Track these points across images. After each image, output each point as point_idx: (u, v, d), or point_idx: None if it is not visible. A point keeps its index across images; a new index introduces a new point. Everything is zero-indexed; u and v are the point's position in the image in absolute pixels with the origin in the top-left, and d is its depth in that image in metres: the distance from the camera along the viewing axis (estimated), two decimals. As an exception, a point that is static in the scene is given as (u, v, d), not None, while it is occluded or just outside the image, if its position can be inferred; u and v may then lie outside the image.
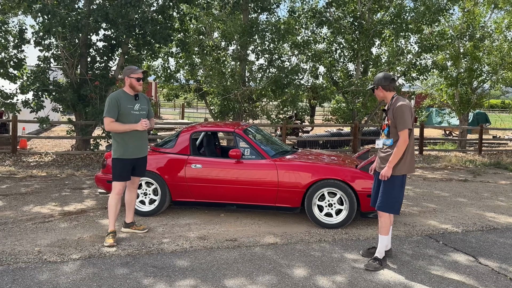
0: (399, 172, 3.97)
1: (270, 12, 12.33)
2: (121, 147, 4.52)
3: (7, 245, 4.47)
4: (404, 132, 3.89)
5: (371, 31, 12.24)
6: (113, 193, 4.57)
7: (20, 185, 7.42)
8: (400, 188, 4.02)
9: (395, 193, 4.00)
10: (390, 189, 3.99)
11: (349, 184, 5.12)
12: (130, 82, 4.55)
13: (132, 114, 4.54)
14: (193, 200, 5.55)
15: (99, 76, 10.71)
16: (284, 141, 12.67)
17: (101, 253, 4.27)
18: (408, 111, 3.93)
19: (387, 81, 4.08)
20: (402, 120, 3.89)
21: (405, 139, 3.89)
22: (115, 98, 4.47)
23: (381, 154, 4.12)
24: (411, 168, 4.05)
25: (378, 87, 4.11)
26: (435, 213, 6.11)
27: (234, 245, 4.58)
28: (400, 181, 4.00)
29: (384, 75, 4.13)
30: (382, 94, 4.14)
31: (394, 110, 3.95)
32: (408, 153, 3.97)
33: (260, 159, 5.38)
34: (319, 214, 5.24)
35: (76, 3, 10.11)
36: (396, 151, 3.91)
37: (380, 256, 4.10)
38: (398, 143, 3.91)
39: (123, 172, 4.56)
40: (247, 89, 11.43)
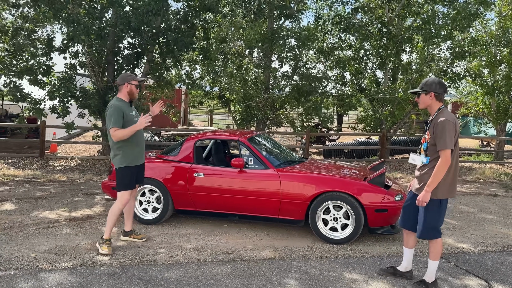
0: (435, 195, 3.58)
1: (295, 19, 12.18)
2: (128, 155, 4.44)
3: (6, 250, 4.50)
4: (445, 152, 3.47)
5: (399, 37, 11.80)
6: (119, 203, 4.47)
7: (37, 189, 7.56)
8: (438, 213, 3.62)
9: (434, 219, 3.62)
10: (428, 215, 3.61)
11: (355, 198, 4.85)
12: (130, 88, 4.49)
13: (134, 122, 4.46)
14: (196, 209, 5.43)
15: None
16: (307, 149, 12.44)
17: (93, 262, 4.22)
18: (452, 129, 3.48)
19: (442, 88, 3.63)
20: (443, 138, 3.46)
21: (447, 160, 3.47)
22: (119, 107, 4.36)
23: (417, 172, 3.78)
24: (452, 192, 3.64)
25: (430, 93, 3.62)
26: (454, 231, 5.71)
27: (229, 258, 4.42)
28: (437, 205, 3.60)
29: (440, 81, 3.65)
30: (429, 102, 3.65)
31: (436, 125, 3.55)
32: (449, 176, 3.57)
33: (264, 169, 5.20)
34: (323, 228, 4.99)
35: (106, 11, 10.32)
36: (435, 172, 3.50)
37: (429, 280, 3.77)
38: (439, 164, 3.49)
39: (131, 180, 4.51)
40: (269, 96, 11.28)
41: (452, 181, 3.61)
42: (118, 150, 4.44)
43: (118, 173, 4.46)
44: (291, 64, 12.28)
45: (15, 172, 9.22)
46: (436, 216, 3.61)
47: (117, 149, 4.44)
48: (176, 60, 11.20)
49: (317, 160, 6.32)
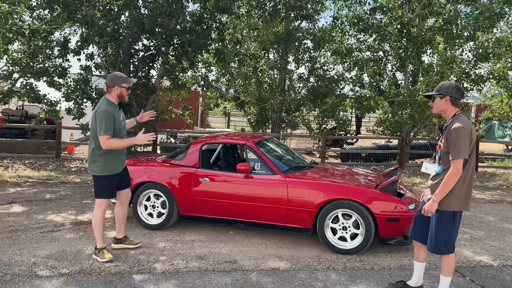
0: (447, 207, 3.33)
1: (311, 20, 11.97)
2: (111, 163, 4.25)
3: (7, 254, 4.45)
4: (457, 161, 3.23)
5: (420, 38, 11.45)
6: (98, 211, 4.33)
7: (48, 191, 7.56)
8: (450, 226, 3.36)
9: (445, 232, 3.36)
10: (440, 228, 3.37)
11: (365, 206, 4.62)
12: (120, 91, 4.26)
13: (122, 127, 4.33)
14: (201, 215, 5.29)
15: (140, 85, 10.85)
16: (323, 152, 12.19)
17: (92, 269, 4.12)
18: (467, 137, 3.25)
19: (458, 93, 3.39)
20: (456, 146, 3.22)
21: (458, 169, 3.24)
22: (110, 112, 4.13)
23: (429, 182, 3.54)
24: (466, 205, 3.38)
25: (445, 97, 3.39)
26: (472, 241, 5.41)
27: (231, 268, 4.25)
28: (449, 218, 3.35)
29: (457, 85, 3.42)
30: (444, 107, 3.42)
31: (449, 132, 3.31)
32: (463, 187, 3.32)
33: (270, 175, 5.02)
34: (332, 238, 4.78)
35: (123, 13, 10.33)
36: (444, 182, 3.27)
37: None
38: (449, 173, 3.26)
39: (112, 189, 4.34)
40: (283, 99, 11.10)
41: (466, 193, 3.36)
42: (99, 157, 4.22)
43: (98, 181, 4.28)
44: (307, 66, 12.09)
45: (30, 173, 9.29)
46: (449, 229, 3.37)
47: (99, 156, 4.22)
48: (191, 62, 11.13)
49: (329, 165, 6.10)
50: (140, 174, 5.43)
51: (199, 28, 10.40)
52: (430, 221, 3.45)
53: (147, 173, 5.43)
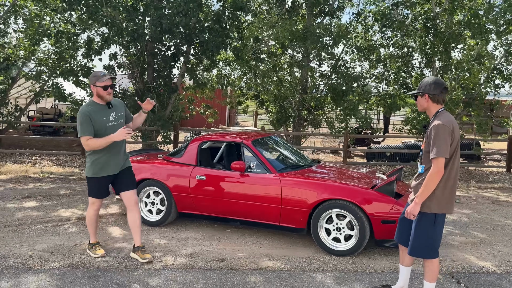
0: (428, 209, 3.17)
1: (333, 16, 11.76)
2: (94, 165, 4.17)
3: (8, 247, 4.63)
4: (438, 160, 3.06)
5: (447, 34, 10.98)
6: (91, 209, 4.36)
7: (65, 187, 7.82)
8: (431, 229, 3.19)
9: (426, 235, 3.20)
10: (420, 231, 3.21)
11: (359, 207, 4.48)
12: (97, 91, 4.09)
13: (109, 127, 4.10)
14: (198, 213, 5.30)
15: (162, 84, 11.03)
16: (345, 151, 11.96)
17: (82, 263, 4.21)
18: (447, 134, 3.07)
19: (438, 89, 3.19)
20: (436, 144, 3.06)
21: (439, 169, 3.07)
22: (85, 113, 4.01)
23: (413, 182, 3.37)
24: (448, 207, 3.20)
25: (424, 94, 3.24)
26: (480, 246, 5.13)
27: (217, 266, 4.23)
28: (430, 221, 3.18)
29: (435, 80, 3.22)
30: (425, 105, 3.26)
31: (430, 129, 3.17)
32: (445, 188, 3.15)
33: (265, 173, 4.96)
34: (325, 238, 4.66)
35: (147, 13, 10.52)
36: (426, 182, 3.11)
37: None
38: (430, 173, 3.10)
39: (100, 189, 4.28)
40: (302, 97, 10.96)
41: (449, 195, 3.18)
42: (88, 158, 4.22)
43: (88, 181, 4.29)
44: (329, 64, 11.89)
45: (54, 169, 9.65)
46: (429, 232, 3.20)
47: (87, 156, 4.22)
48: (211, 60, 11.20)
49: (330, 164, 5.95)
50: (140, 171, 5.51)
51: (218, 27, 10.44)
52: (412, 223, 3.30)
53: (147, 170, 5.50)
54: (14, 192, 7.22)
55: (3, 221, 5.55)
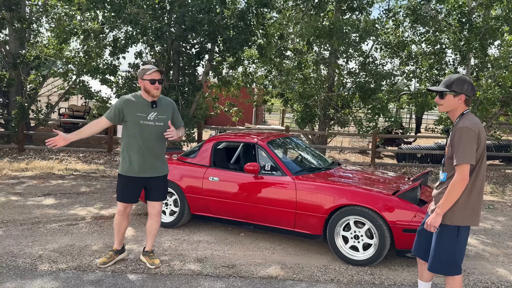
0: (450, 221, 2.86)
1: (362, 12, 11.35)
2: (125, 162, 3.92)
3: (20, 246, 4.61)
4: (462, 167, 2.76)
5: (483, 29, 10.40)
6: (117, 213, 4.10)
7: (86, 184, 7.85)
8: (453, 243, 2.87)
9: (448, 250, 2.88)
10: (442, 244, 2.90)
11: (379, 214, 4.19)
12: (143, 85, 3.83)
13: (143, 125, 3.81)
14: (211, 215, 5.14)
15: (187, 82, 10.98)
16: (373, 152, 11.56)
17: (89, 265, 4.13)
18: (473, 139, 2.76)
19: (473, 90, 2.89)
20: (461, 149, 2.76)
21: (463, 177, 2.76)
22: (121, 99, 3.87)
23: (434, 191, 3.07)
24: (474, 219, 2.88)
25: (461, 95, 2.88)
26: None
27: (226, 273, 4.05)
28: (452, 234, 2.87)
29: (470, 81, 2.90)
30: (456, 106, 2.90)
31: (453, 133, 2.86)
32: (470, 198, 2.84)
33: (280, 176, 4.74)
34: (342, 246, 4.40)
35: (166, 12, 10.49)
36: (448, 191, 2.80)
37: None
38: (453, 181, 2.79)
39: (125, 191, 3.96)
40: (327, 95, 10.63)
41: (474, 205, 2.87)
42: (121, 153, 3.99)
43: (118, 178, 4.04)
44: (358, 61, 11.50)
45: (79, 166, 9.75)
46: (452, 247, 2.90)
47: (121, 151, 3.99)
48: (235, 58, 11.04)
49: (351, 167, 5.65)
50: (155, 172, 5.38)
51: (242, 24, 10.27)
52: (433, 236, 3.00)
53: (161, 171, 5.37)
54: (36, 189, 7.29)
55: (20, 218, 5.57)
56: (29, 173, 8.70)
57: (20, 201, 6.46)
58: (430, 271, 3.01)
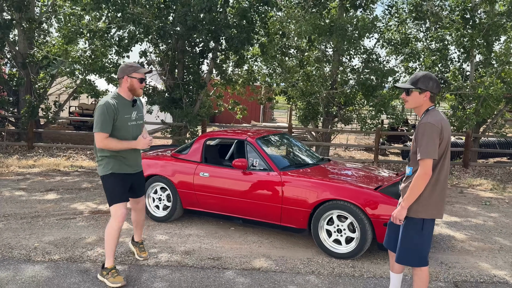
0: (415, 214, 2.95)
1: (365, 9, 11.38)
2: (116, 159, 3.72)
3: (17, 238, 4.81)
4: (425, 162, 2.83)
5: (486, 25, 10.34)
6: (114, 221, 3.69)
7: (88, 180, 8.07)
8: (418, 235, 2.97)
9: (413, 242, 2.98)
10: (407, 236, 3.00)
11: (361, 208, 4.28)
12: (130, 83, 3.66)
13: (129, 126, 3.70)
14: (201, 209, 5.29)
15: (191, 80, 11.15)
16: (376, 149, 11.58)
17: (80, 257, 4.30)
18: (435, 134, 2.83)
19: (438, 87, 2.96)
20: (424, 144, 2.83)
21: (426, 171, 2.84)
22: (110, 106, 3.54)
23: (402, 185, 3.16)
24: (438, 212, 2.96)
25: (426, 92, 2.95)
26: (498, 253, 4.77)
27: (210, 265, 4.19)
28: (417, 226, 2.96)
29: (435, 78, 2.96)
30: (421, 102, 2.97)
31: (417, 129, 2.95)
32: (434, 191, 2.93)
33: (267, 171, 4.86)
34: (326, 240, 4.50)
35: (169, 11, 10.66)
36: (412, 185, 2.90)
37: None
38: (416, 175, 2.88)
39: (123, 189, 3.75)
40: (329, 92, 10.69)
41: (438, 199, 2.94)
42: (102, 153, 3.71)
43: (105, 182, 3.74)
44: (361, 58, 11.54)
45: (86, 163, 10.00)
46: (417, 239, 2.98)
47: (101, 152, 3.72)
48: (239, 56, 11.17)
49: (341, 163, 5.74)
50: (149, 167, 5.56)
51: (244, 23, 10.39)
52: (400, 228, 3.09)
53: (154, 166, 5.55)
54: (40, 185, 7.53)
55: (21, 212, 5.79)
56: (35, 170, 8.96)
57: (23, 196, 6.70)
58: (397, 263, 3.10)
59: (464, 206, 7.07)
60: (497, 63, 10.88)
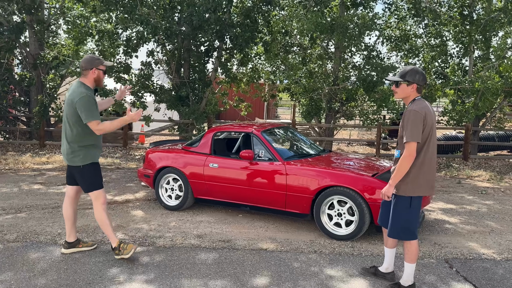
0: (404, 192, 3.33)
1: (365, 7, 11.70)
2: (93, 149, 4.02)
3: (42, 226, 5.21)
4: (409, 145, 3.20)
5: (483, 21, 10.64)
6: (99, 203, 4.05)
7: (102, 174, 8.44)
8: (406, 211, 3.33)
9: (402, 217, 3.35)
10: (396, 213, 3.38)
11: (359, 193, 4.64)
12: (98, 74, 3.95)
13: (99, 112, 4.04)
14: (212, 198, 5.67)
15: (197, 79, 11.52)
16: (377, 143, 11.92)
17: (101, 241, 4.69)
18: (419, 120, 3.21)
19: (424, 80, 3.34)
20: (409, 129, 3.21)
21: (411, 153, 3.21)
22: (91, 96, 3.87)
23: (392, 167, 3.55)
24: (424, 189, 3.33)
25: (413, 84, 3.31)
26: (488, 235, 5.12)
27: (222, 246, 4.57)
28: (405, 203, 3.33)
29: (422, 72, 3.35)
30: (409, 93, 3.34)
31: (403, 116, 3.34)
32: (420, 172, 3.29)
33: (272, 161, 5.23)
34: (327, 223, 4.87)
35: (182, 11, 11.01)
36: (398, 166, 3.28)
37: (404, 284, 3.50)
38: (402, 157, 3.25)
39: (100, 176, 4.11)
40: (331, 88, 11.04)
41: (424, 178, 3.31)
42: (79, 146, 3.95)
43: (86, 171, 4.00)
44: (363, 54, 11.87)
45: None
46: (405, 215, 3.34)
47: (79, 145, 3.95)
48: (243, 55, 11.53)
49: (341, 153, 6.10)
50: (161, 159, 5.95)
51: (248, 22, 10.74)
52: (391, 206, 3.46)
53: (167, 159, 5.93)
54: (56, 179, 7.94)
55: (42, 204, 6.19)
56: (49, 166, 9.37)
57: (42, 189, 7.10)
58: (389, 237, 3.46)
59: (460, 195, 7.41)
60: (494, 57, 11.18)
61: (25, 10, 11.92)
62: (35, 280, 3.67)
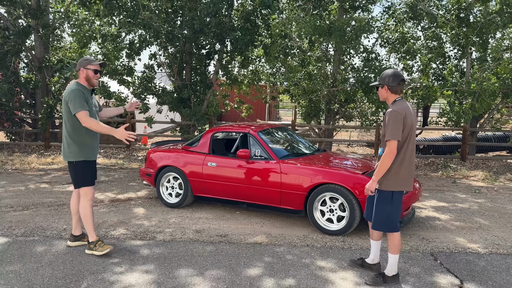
0: (386, 187, 3.57)
1: (364, 10, 11.92)
2: (87, 147, 4.19)
3: (48, 222, 5.46)
4: (390, 143, 3.44)
5: (479, 24, 10.84)
6: (86, 199, 4.25)
7: (105, 174, 8.72)
8: (390, 205, 3.57)
9: (384, 211, 3.59)
10: (379, 206, 3.62)
11: (350, 190, 4.86)
12: (86, 74, 4.13)
13: (93, 111, 4.17)
14: (210, 196, 5.90)
15: (198, 81, 11.78)
16: (376, 143, 12.11)
17: (105, 236, 4.93)
18: (399, 120, 3.43)
19: (396, 81, 3.59)
20: (389, 129, 3.43)
21: (391, 150, 3.44)
22: (79, 90, 4.02)
23: (376, 163, 3.80)
24: (404, 184, 3.56)
25: (384, 86, 3.64)
26: (475, 231, 5.33)
27: (219, 240, 4.80)
28: (388, 198, 3.57)
29: (394, 73, 3.59)
30: (385, 95, 3.68)
31: (385, 116, 3.58)
32: (401, 168, 3.53)
33: (268, 160, 5.46)
34: (320, 219, 5.09)
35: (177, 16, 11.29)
36: (380, 162, 3.52)
37: (388, 273, 3.71)
38: (384, 154, 3.50)
39: (91, 174, 4.26)
40: (329, 90, 11.26)
41: (404, 174, 3.54)
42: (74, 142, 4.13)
43: (76, 167, 4.18)
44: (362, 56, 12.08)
45: (100, 160, 10.64)
46: (388, 208, 3.57)
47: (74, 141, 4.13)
48: (243, 57, 11.78)
49: (335, 152, 6.32)
50: (162, 159, 6.19)
51: (248, 25, 11.00)
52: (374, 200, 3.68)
53: (167, 158, 6.17)
54: (61, 179, 8.20)
55: (48, 201, 6.44)
56: (54, 166, 9.64)
57: (48, 188, 7.36)
58: (373, 229, 3.69)
59: (454, 193, 7.60)
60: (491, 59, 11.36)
61: (31, 14, 12.22)
62: (42, 270, 3.92)
